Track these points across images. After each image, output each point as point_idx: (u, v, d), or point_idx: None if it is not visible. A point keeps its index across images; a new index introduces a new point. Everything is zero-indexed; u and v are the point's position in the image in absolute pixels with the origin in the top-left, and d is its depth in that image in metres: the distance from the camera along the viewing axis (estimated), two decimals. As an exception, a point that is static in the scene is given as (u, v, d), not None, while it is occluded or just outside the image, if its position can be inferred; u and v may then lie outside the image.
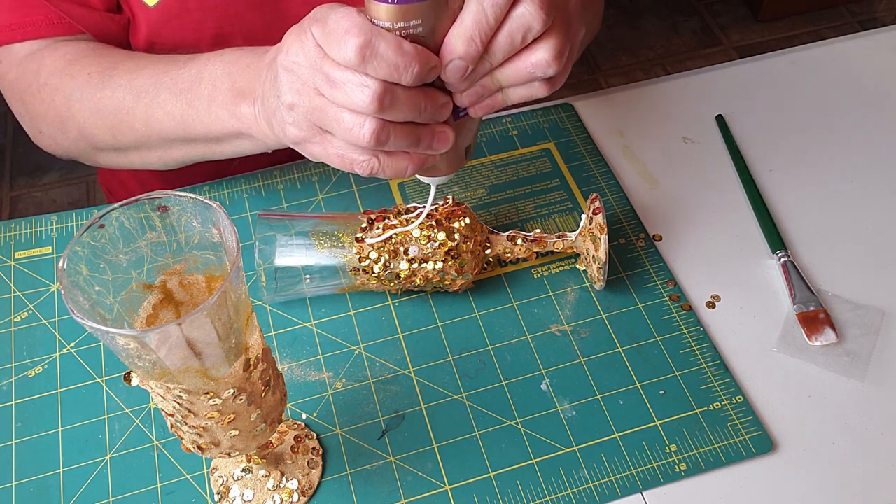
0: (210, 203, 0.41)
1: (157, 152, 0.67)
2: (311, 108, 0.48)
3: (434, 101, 0.48)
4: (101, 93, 0.65)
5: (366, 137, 0.46)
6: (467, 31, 0.46)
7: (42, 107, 0.68)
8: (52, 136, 0.70)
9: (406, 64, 0.44)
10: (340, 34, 0.44)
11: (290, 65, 0.48)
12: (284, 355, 0.64)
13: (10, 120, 2.03)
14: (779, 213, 0.73)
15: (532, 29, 0.46)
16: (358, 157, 0.49)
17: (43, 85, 0.67)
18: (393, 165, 0.49)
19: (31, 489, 0.57)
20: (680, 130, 0.80)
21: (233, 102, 0.58)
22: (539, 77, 0.48)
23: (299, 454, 0.58)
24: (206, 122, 0.60)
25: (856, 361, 0.63)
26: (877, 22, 2.22)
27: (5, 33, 0.68)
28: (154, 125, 0.63)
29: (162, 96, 0.62)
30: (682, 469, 0.57)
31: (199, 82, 0.60)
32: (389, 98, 0.45)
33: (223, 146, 0.63)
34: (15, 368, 0.63)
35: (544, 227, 0.72)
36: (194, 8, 0.70)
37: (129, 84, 0.64)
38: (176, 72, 0.62)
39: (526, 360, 0.63)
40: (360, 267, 0.62)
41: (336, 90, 0.46)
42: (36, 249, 0.70)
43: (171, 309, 0.45)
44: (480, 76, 0.48)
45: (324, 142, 0.50)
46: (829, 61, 0.87)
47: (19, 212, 1.84)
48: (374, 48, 0.44)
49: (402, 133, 0.48)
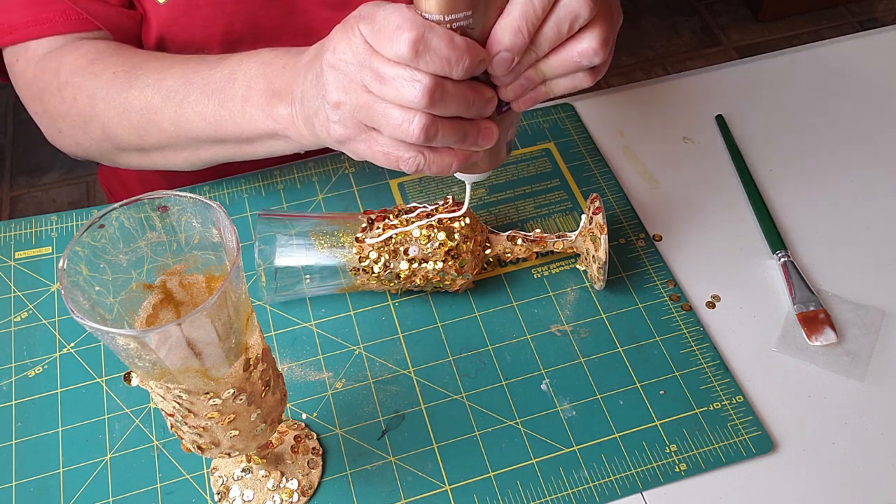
0: (210, 203, 0.41)
1: (183, 153, 0.66)
2: (359, 105, 0.48)
3: (481, 95, 0.48)
4: (127, 92, 0.64)
5: (415, 133, 0.46)
6: (515, 22, 0.46)
7: (63, 106, 0.67)
8: (73, 135, 0.69)
9: (457, 57, 0.44)
10: (391, 30, 0.44)
11: (337, 62, 0.48)
12: (284, 355, 0.64)
13: (10, 120, 2.03)
14: (779, 213, 0.73)
15: (580, 17, 0.46)
16: (404, 154, 0.49)
17: (64, 84, 0.66)
18: (438, 162, 0.49)
19: (31, 489, 0.57)
20: (680, 130, 0.80)
21: (268, 103, 0.57)
22: (585, 66, 0.48)
23: (299, 454, 0.58)
24: (240, 122, 0.60)
25: (856, 361, 0.63)
26: (877, 22, 2.22)
27: (22, 30, 0.67)
28: (184, 125, 0.63)
29: (193, 96, 0.61)
30: (682, 469, 0.57)
31: (233, 83, 0.60)
32: (440, 92, 0.45)
33: (254, 147, 0.62)
34: (15, 368, 0.63)
35: (544, 227, 0.71)
36: (204, 4, 0.70)
37: (158, 84, 0.63)
38: (207, 72, 0.61)
39: (526, 360, 0.63)
40: (360, 267, 0.62)
41: (385, 86, 0.46)
42: (36, 249, 0.70)
43: (171, 309, 0.45)
44: (525, 68, 0.48)
45: (369, 140, 0.50)
46: (829, 61, 0.86)
47: (19, 212, 1.84)
48: (427, 42, 0.44)
49: (449, 128, 0.47)
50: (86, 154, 0.71)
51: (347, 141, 0.51)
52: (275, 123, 0.58)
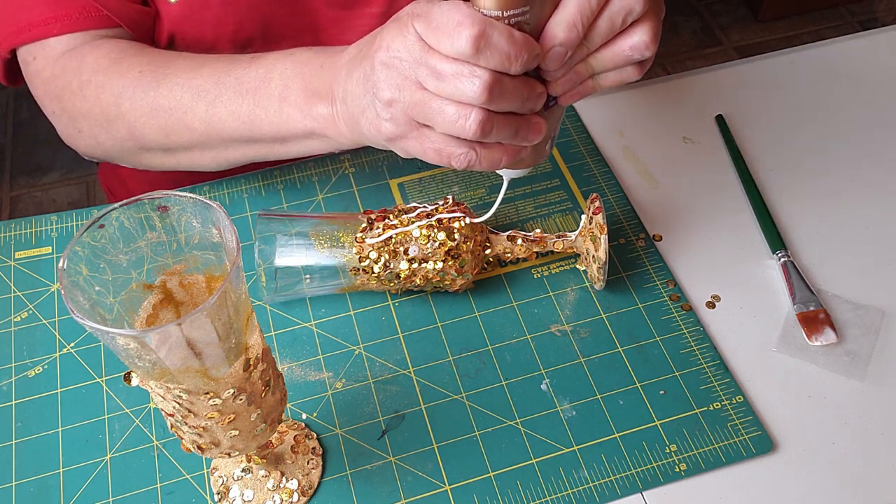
0: (210, 203, 0.41)
1: (211, 153, 0.66)
2: (412, 102, 0.48)
3: (533, 90, 0.48)
4: (155, 91, 0.63)
5: (472, 128, 0.46)
6: (570, 17, 0.46)
7: (84, 105, 0.66)
8: (94, 135, 0.68)
9: (517, 53, 0.45)
10: (451, 26, 0.44)
11: (391, 60, 0.48)
12: (284, 355, 0.64)
13: (10, 120, 2.03)
14: (779, 213, 0.73)
15: (633, 12, 0.46)
16: (456, 150, 0.49)
17: (86, 82, 0.65)
18: (488, 157, 0.49)
19: (31, 489, 0.57)
20: (680, 130, 0.80)
21: (306, 103, 0.57)
22: (635, 60, 0.48)
23: (299, 454, 0.58)
24: (276, 122, 0.59)
25: (856, 361, 0.63)
26: (877, 22, 2.22)
27: (41, 27, 0.66)
28: (215, 124, 0.62)
29: (226, 95, 0.61)
30: (682, 469, 0.57)
31: (268, 82, 0.59)
32: (498, 88, 0.45)
33: (288, 146, 0.62)
34: (15, 368, 0.63)
35: (544, 227, 0.71)
36: (215, 4, 0.70)
37: (188, 83, 0.62)
38: (240, 71, 0.61)
39: (526, 360, 0.63)
40: (360, 267, 0.62)
41: (443, 82, 0.46)
42: (36, 249, 0.70)
43: (171, 309, 0.45)
44: (576, 62, 0.48)
45: (420, 137, 0.50)
46: (829, 61, 0.86)
47: (19, 212, 1.84)
48: (488, 38, 0.44)
49: (503, 124, 0.48)
50: (105, 154, 0.70)
51: (397, 139, 0.51)
52: (313, 122, 0.57)
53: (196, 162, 0.67)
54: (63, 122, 0.69)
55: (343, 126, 0.55)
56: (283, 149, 0.62)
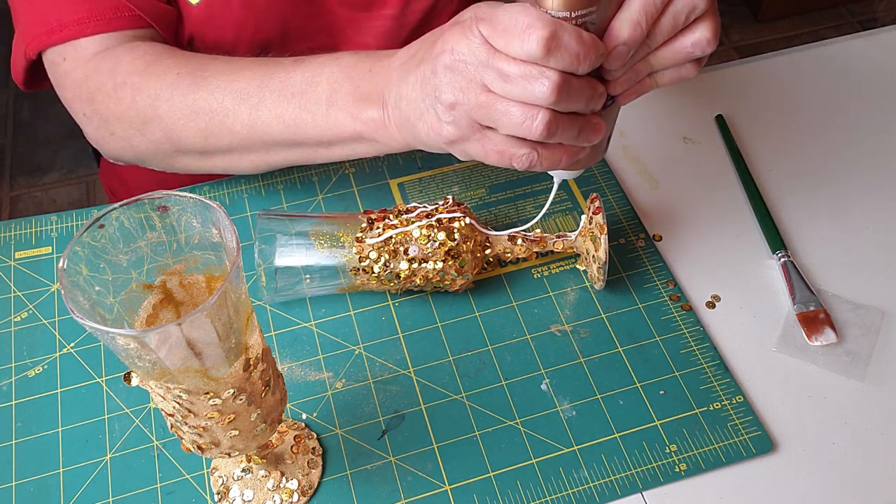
0: (210, 203, 0.41)
1: (251, 156, 0.65)
2: (477, 104, 0.48)
3: (595, 89, 0.48)
4: (195, 94, 0.62)
5: (538, 129, 0.47)
6: (635, 16, 0.46)
7: (119, 107, 0.65)
8: (128, 137, 0.66)
9: (586, 53, 0.45)
10: (521, 29, 0.45)
11: (455, 63, 0.48)
12: (284, 355, 0.64)
13: (10, 120, 2.03)
14: (779, 213, 0.73)
15: (697, 8, 0.47)
16: (518, 151, 0.49)
17: (121, 84, 0.64)
18: (550, 157, 0.50)
19: (31, 489, 0.57)
20: (680, 130, 0.80)
21: (356, 107, 0.57)
22: (696, 56, 0.49)
23: (299, 454, 0.58)
24: (322, 125, 0.59)
25: (856, 361, 0.63)
26: (877, 22, 2.22)
27: (73, 28, 0.65)
28: (258, 128, 0.61)
29: (270, 99, 0.60)
30: (682, 469, 0.57)
31: (315, 86, 0.59)
32: (566, 88, 0.45)
33: (333, 150, 0.61)
34: (15, 368, 0.63)
35: (544, 227, 0.72)
36: (237, 7, 0.70)
37: (228, 86, 0.62)
38: (284, 75, 0.60)
39: (526, 360, 0.63)
40: (360, 267, 0.62)
41: (511, 84, 0.46)
42: (36, 249, 0.70)
43: (171, 309, 0.45)
44: (636, 60, 0.49)
45: (483, 139, 0.50)
46: (829, 61, 0.87)
47: (19, 212, 1.84)
48: (559, 39, 0.44)
49: (567, 124, 0.48)
50: (137, 156, 0.69)
51: (459, 141, 0.51)
52: (363, 126, 0.57)
53: (234, 165, 0.66)
54: (94, 124, 0.67)
55: (395, 130, 0.55)
56: (326, 152, 0.62)
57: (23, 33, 0.68)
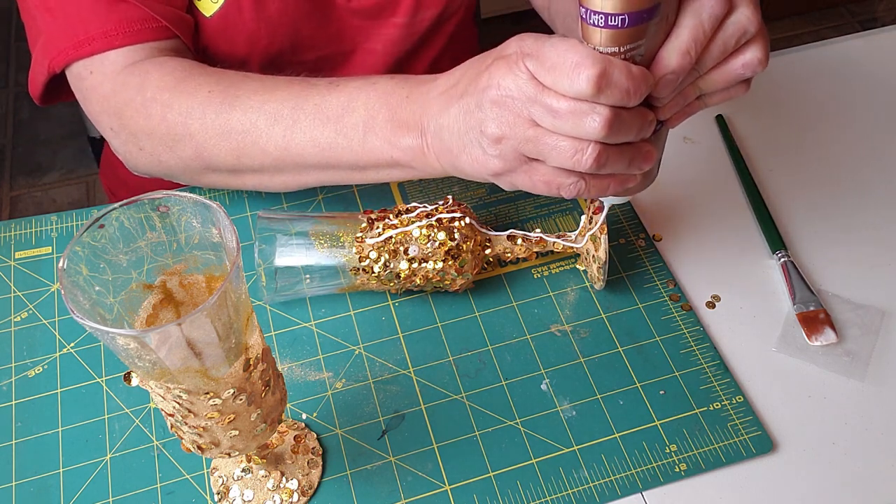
0: (210, 203, 0.41)
1: (283, 177, 0.64)
2: (525, 139, 0.48)
3: (646, 118, 0.48)
4: (228, 114, 0.61)
5: (588, 163, 0.46)
6: (684, 45, 0.46)
7: (149, 123, 0.64)
8: (156, 153, 0.65)
9: (636, 88, 0.45)
10: (569, 67, 0.44)
11: (502, 99, 0.48)
12: (284, 355, 0.64)
13: (10, 120, 2.03)
14: (779, 213, 0.73)
15: (747, 33, 0.46)
16: (565, 181, 0.49)
17: (151, 100, 0.63)
18: (598, 186, 0.49)
19: (31, 489, 0.57)
20: (680, 130, 0.80)
21: (393, 134, 0.56)
22: (746, 77, 0.49)
23: (299, 454, 0.58)
24: (358, 151, 0.58)
25: (856, 361, 0.63)
26: (877, 22, 2.22)
27: (102, 41, 0.64)
28: (292, 150, 0.60)
29: (305, 122, 0.60)
30: (682, 469, 0.57)
31: (352, 112, 0.58)
32: (617, 123, 0.45)
33: (366, 174, 0.61)
34: (15, 368, 0.63)
35: (544, 227, 0.72)
36: (250, 20, 0.70)
37: (262, 107, 0.61)
38: (318, 98, 0.60)
39: (526, 360, 0.63)
40: (360, 267, 0.62)
41: (560, 120, 0.46)
42: (36, 249, 0.70)
43: (171, 309, 0.45)
44: (685, 86, 0.48)
45: (530, 171, 0.50)
46: (830, 61, 0.86)
47: (19, 212, 1.84)
48: (609, 77, 0.44)
49: (616, 155, 0.47)
50: (165, 171, 0.68)
51: (505, 174, 0.51)
52: (400, 154, 0.56)
53: (264, 184, 0.65)
54: (122, 138, 0.66)
55: (433, 159, 0.55)
56: (360, 176, 0.61)
57: (46, 47, 0.66)
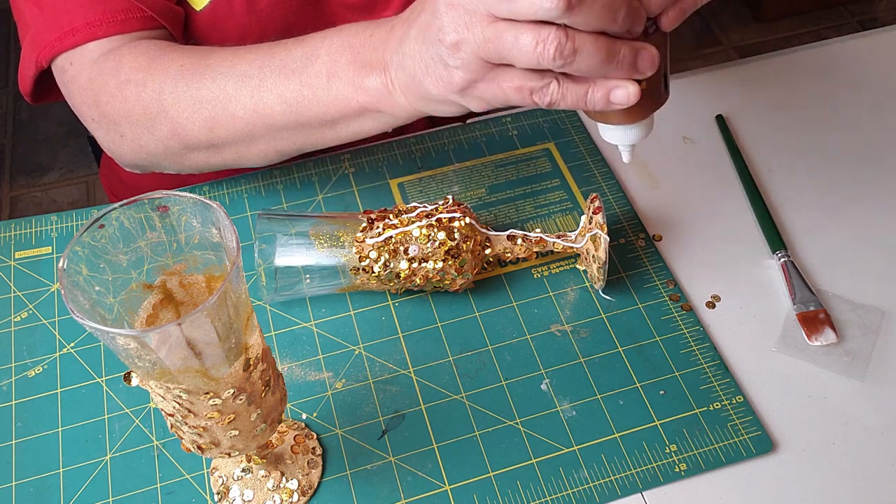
0: (210, 203, 0.41)
1: (258, 145, 0.63)
2: (484, 39, 0.45)
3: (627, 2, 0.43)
4: (198, 83, 0.61)
5: (550, 52, 0.42)
6: None
7: (125, 105, 0.63)
8: (136, 137, 0.65)
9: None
10: None
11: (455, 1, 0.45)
12: (284, 355, 0.64)
13: (10, 120, 2.03)
14: (779, 213, 0.73)
15: None
16: (537, 84, 0.46)
17: (125, 82, 0.62)
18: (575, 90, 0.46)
19: (31, 489, 0.57)
20: (680, 130, 0.80)
21: (357, 75, 0.55)
22: None
23: (299, 454, 0.58)
24: (325, 101, 0.57)
25: (856, 361, 0.63)
26: (877, 22, 2.22)
27: (85, 31, 0.63)
28: (261, 111, 0.59)
29: (270, 79, 0.58)
30: (682, 469, 0.57)
31: (315, 59, 0.57)
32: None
33: (338, 130, 0.59)
34: (15, 368, 0.63)
35: (544, 227, 0.71)
36: (241, 13, 0.69)
37: (231, 70, 0.60)
38: (284, 53, 0.59)
39: (526, 360, 0.63)
40: (360, 266, 0.62)
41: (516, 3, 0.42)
42: (36, 249, 0.70)
43: (171, 309, 0.45)
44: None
45: (497, 77, 0.47)
46: (829, 61, 0.86)
47: (19, 212, 1.84)
48: None
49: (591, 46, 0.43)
50: (149, 157, 0.67)
51: (471, 85, 0.48)
52: (365, 96, 0.55)
53: (242, 157, 0.65)
54: (104, 128, 0.66)
55: (399, 95, 0.53)
56: (332, 133, 0.60)
57: (34, 42, 0.66)
